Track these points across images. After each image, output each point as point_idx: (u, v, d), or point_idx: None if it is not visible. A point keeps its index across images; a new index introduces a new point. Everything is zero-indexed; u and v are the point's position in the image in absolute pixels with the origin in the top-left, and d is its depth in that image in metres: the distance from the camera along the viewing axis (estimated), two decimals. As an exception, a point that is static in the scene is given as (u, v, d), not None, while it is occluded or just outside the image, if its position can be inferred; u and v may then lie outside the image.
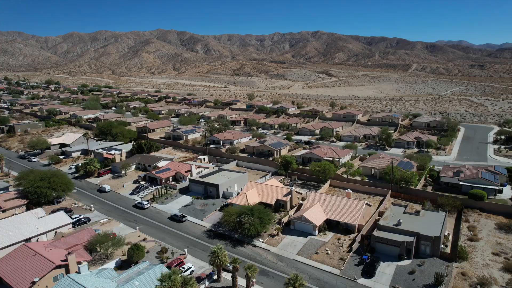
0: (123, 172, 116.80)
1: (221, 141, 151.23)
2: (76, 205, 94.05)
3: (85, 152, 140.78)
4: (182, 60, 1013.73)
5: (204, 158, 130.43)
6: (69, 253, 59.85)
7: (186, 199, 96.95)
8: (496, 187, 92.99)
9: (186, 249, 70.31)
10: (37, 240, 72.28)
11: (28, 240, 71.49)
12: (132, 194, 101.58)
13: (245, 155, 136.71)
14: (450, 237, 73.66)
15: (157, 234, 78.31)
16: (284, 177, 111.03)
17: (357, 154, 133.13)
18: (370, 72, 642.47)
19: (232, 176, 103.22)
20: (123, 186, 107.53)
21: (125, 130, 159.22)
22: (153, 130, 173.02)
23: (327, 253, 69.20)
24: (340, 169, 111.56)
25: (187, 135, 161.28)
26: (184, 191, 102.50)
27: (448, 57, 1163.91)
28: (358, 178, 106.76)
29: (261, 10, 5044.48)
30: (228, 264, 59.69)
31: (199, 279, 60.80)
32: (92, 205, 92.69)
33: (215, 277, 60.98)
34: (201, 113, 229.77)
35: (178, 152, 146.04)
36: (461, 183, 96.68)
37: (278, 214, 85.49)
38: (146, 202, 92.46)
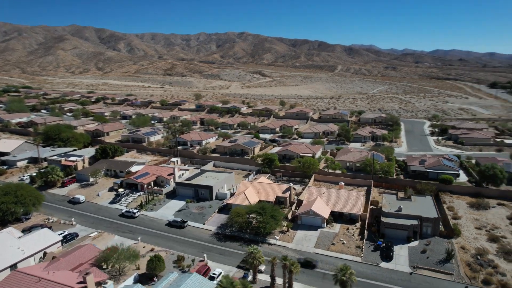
0: (92, 180, 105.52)
1: (188, 142, 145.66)
2: (51, 220, 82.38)
3: (34, 160, 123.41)
4: (105, 59, 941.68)
5: (176, 161, 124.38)
6: (86, 273, 52.67)
7: (176, 203, 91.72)
8: (457, 172, 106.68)
9: (205, 255, 66.87)
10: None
11: (14, 266, 60.74)
12: (112, 203, 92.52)
13: (217, 155, 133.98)
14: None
15: (162, 243, 72.92)
16: (269, 174, 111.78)
17: (325, 150, 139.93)
18: (301, 72, 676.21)
19: (221, 177, 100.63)
20: (98, 195, 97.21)
21: (77, 134, 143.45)
22: (107, 134, 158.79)
23: (343, 243, 72.14)
24: (320, 163, 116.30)
25: (148, 137, 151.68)
26: (170, 195, 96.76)
27: (364, 59, 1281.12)
28: (339, 171, 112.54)
29: (185, 9, 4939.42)
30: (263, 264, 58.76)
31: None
32: (72, 219, 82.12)
33: (249, 278, 59.41)
34: (150, 115, 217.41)
35: (143, 155, 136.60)
36: (427, 170, 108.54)
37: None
38: (135, 210, 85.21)
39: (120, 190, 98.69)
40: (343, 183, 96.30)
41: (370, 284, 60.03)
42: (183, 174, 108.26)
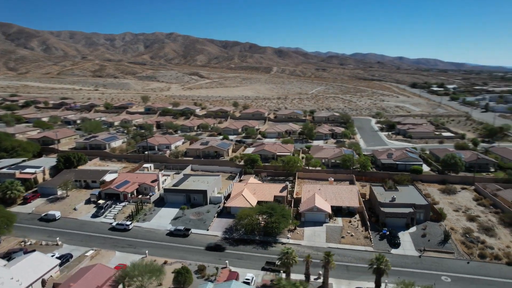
0: (61, 193, 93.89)
1: (156, 147, 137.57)
2: (28, 243, 71.40)
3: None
4: (17, 59, 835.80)
5: (150, 166, 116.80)
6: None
7: (168, 211, 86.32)
8: (421, 163, 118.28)
9: (227, 261, 64.29)
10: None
11: (11, 298, 51.53)
12: (95, 216, 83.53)
13: (190, 158, 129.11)
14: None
15: (172, 254, 68.22)
16: (254, 175, 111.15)
17: (295, 148, 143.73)
18: (238, 74, 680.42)
19: (210, 181, 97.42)
20: (75, 209, 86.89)
21: (24, 142, 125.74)
22: (58, 141, 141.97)
23: (351, 235, 75.32)
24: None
25: (109, 143, 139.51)
26: (158, 203, 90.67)
27: (294, 61, 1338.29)
28: (319, 168, 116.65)
29: (107, 6, 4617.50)
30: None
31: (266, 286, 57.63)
32: (57, 238, 72.17)
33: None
34: (97, 119, 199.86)
35: (108, 163, 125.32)
36: (396, 162, 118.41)
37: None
38: (128, 222, 78.17)
39: (101, 201, 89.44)
40: (333, 179, 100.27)
41: (391, 270, 63.60)
42: (165, 180, 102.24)
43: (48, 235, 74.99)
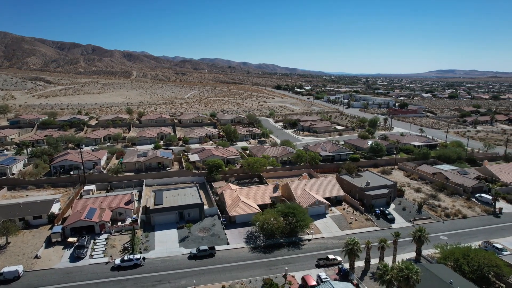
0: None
1: (81, 165, 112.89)
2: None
3: None
4: None
5: (93, 189, 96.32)
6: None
7: (165, 234, 75.06)
8: (352, 152, 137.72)
9: (286, 268, 61.93)
10: None
11: None
12: (78, 259, 64.94)
13: (130, 173, 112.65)
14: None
15: (218, 278, 60.57)
16: (231, 181, 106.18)
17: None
18: (95, 79, 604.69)
19: (192, 192, 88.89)
20: (37, 258, 64.87)
21: None
22: None
23: (355, 220, 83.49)
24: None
25: (10, 166, 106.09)
26: (145, 228, 77.08)
27: (146, 65, 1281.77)
28: (275, 166, 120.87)
29: None
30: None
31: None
32: (58, 297, 53.26)
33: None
34: None
35: (25, 192, 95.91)
36: (333, 154, 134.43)
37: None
38: (138, 256, 64.30)
39: (71, 239, 69.43)
40: (307, 174, 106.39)
41: (404, 241, 73.81)
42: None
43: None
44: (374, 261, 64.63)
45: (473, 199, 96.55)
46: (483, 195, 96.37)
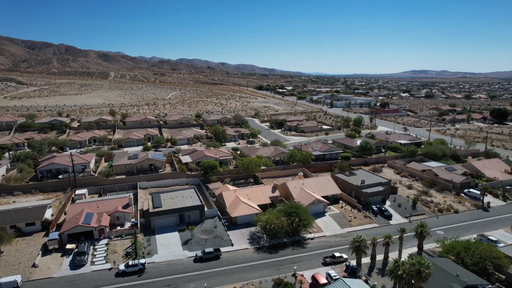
0: (-9, 249, 64.63)
1: (70, 168, 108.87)
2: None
3: None
4: None
5: (85, 193, 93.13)
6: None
7: (167, 237, 73.67)
8: (342, 151, 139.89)
9: (295, 267, 62.02)
10: None
11: None
12: (78, 266, 62.61)
13: (122, 176, 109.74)
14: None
15: (227, 280, 60.05)
16: (227, 182, 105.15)
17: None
18: (71, 80, 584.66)
19: (191, 194, 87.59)
20: (35, 266, 62.02)
21: None
22: None
23: (354, 218, 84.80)
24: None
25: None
26: (145, 232, 75.30)
27: (123, 66, 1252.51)
28: (269, 166, 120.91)
29: None
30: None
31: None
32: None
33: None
34: None
35: (12, 198, 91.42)
36: (324, 153, 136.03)
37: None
38: (143, 261, 62.68)
39: (70, 246, 66.82)
40: (302, 173, 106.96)
41: (404, 237, 75.90)
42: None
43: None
44: (379, 257, 65.99)
45: (462, 194, 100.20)
46: (471, 190, 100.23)
